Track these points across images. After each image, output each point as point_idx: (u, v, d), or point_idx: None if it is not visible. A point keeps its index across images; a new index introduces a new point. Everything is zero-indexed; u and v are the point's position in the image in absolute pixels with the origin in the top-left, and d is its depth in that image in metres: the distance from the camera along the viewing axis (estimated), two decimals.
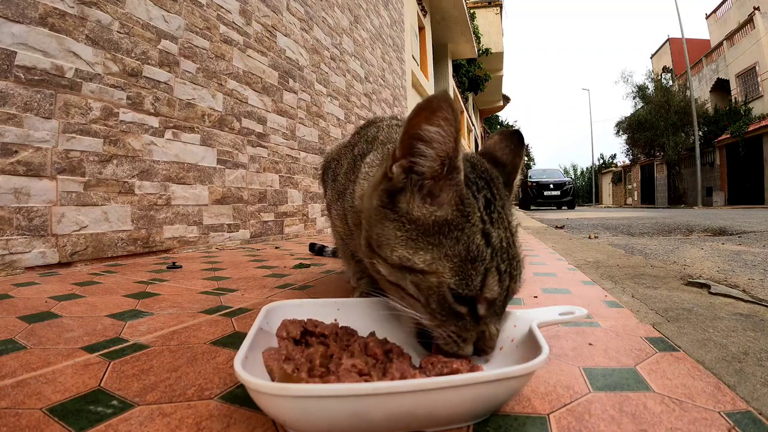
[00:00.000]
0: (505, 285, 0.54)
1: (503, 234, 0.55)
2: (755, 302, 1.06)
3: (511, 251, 0.55)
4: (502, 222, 0.56)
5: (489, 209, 0.55)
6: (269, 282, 1.35)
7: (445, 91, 0.51)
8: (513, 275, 0.55)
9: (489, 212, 0.55)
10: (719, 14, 21.77)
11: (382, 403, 0.40)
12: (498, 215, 0.56)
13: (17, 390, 0.55)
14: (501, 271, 0.53)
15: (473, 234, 0.53)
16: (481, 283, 0.52)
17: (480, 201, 0.55)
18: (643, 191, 28.16)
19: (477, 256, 0.52)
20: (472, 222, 0.53)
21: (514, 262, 0.55)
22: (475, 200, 0.55)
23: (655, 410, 0.49)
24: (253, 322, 0.58)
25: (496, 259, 0.53)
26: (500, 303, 0.54)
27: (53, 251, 1.58)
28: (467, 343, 0.54)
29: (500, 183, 0.61)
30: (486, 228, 0.54)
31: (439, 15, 9.47)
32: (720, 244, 2.89)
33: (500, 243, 0.54)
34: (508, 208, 0.59)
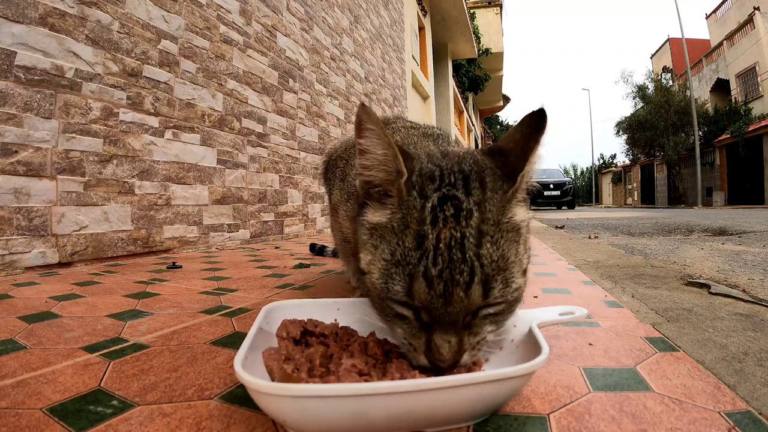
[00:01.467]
0: (439, 291, 0.47)
1: (450, 233, 0.48)
2: (755, 302, 1.06)
3: (458, 253, 0.48)
4: (457, 221, 0.49)
5: (440, 208, 0.50)
6: (269, 282, 1.35)
7: (362, 104, 0.53)
8: (456, 280, 0.47)
9: (437, 211, 0.50)
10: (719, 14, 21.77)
11: (382, 403, 0.40)
12: (452, 213, 0.49)
13: (17, 390, 0.55)
14: (431, 275, 0.47)
15: (404, 236, 0.50)
16: (405, 289, 0.49)
17: (430, 200, 0.50)
18: (643, 191, 28.16)
19: (402, 259, 0.49)
20: (406, 223, 0.50)
21: (462, 265, 0.47)
22: (421, 199, 0.51)
23: (655, 410, 0.49)
24: (253, 322, 0.58)
25: (426, 262, 0.47)
26: (441, 312, 0.48)
27: (53, 251, 1.58)
28: (418, 352, 0.51)
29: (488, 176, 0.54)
30: (422, 230, 0.49)
31: (439, 15, 9.47)
32: (720, 244, 2.89)
33: (438, 244, 0.48)
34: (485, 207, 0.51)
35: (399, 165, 0.52)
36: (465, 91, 14.06)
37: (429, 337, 0.49)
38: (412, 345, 0.51)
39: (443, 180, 0.53)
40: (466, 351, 0.50)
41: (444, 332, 0.49)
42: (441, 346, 0.48)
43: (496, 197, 0.52)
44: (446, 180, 0.53)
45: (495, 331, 0.54)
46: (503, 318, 0.54)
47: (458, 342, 0.49)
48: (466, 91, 14.19)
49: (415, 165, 0.55)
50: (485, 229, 0.50)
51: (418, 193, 0.52)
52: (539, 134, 0.53)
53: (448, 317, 0.48)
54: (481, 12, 13.62)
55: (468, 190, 0.52)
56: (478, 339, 0.51)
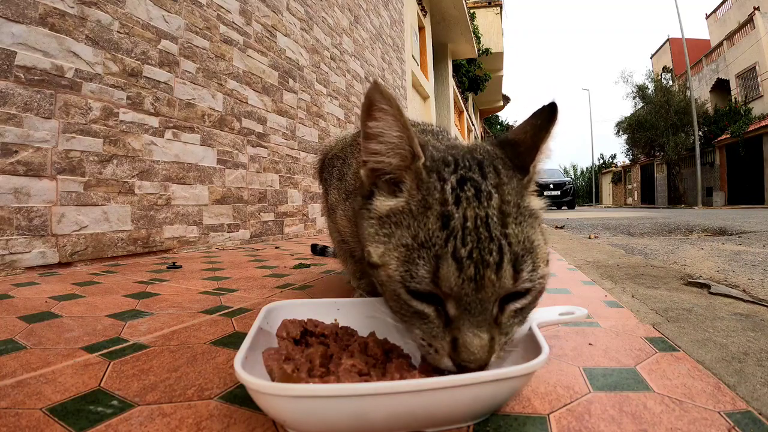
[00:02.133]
0: (470, 274, 0.43)
1: (475, 212, 0.45)
2: (755, 302, 1.06)
3: (485, 232, 0.44)
4: (479, 201, 0.46)
5: (460, 188, 0.47)
6: (269, 282, 1.35)
7: (375, 81, 0.49)
8: (486, 261, 0.43)
9: (458, 192, 0.47)
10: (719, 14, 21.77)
11: (382, 403, 0.40)
12: (473, 194, 0.47)
13: (17, 390, 0.55)
14: (460, 256, 0.43)
15: (427, 217, 0.46)
16: (431, 274, 0.44)
17: (449, 182, 0.48)
18: (643, 191, 28.16)
19: (427, 241, 0.45)
20: (428, 204, 0.47)
21: (491, 244, 0.44)
22: (440, 181, 0.48)
23: (655, 410, 0.49)
24: (253, 322, 0.58)
25: (454, 242, 0.44)
26: (472, 299, 0.44)
27: (53, 251, 1.58)
28: (440, 354, 0.46)
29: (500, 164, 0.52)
30: (446, 209, 0.46)
31: (439, 15, 9.47)
32: (720, 244, 2.89)
33: (465, 223, 0.45)
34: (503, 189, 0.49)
35: (415, 148, 0.50)
36: (465, 91, 14.06)
37: (456, 334, 0.45)
38: (433, 347, 0.47)
39: (458, 164, 0.51)
40: (496, 351, 0.46)
41: (475, 326, 0.44)
42: (471, 344, 0.43)
43: (513, 182, 0.51)
44: (461, 164, 0.51)
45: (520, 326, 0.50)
46: (527, 313, 0.50)
47: (490, 339, 0.45)
48: (466, 91, 14.18)
49: (427, 151, 0.52)
50: (507, 210, 0.47)
51: (436, 175, 0.49)
52: (551, 126, 0.52)
53: (479, 305, 0.44)
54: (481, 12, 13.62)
55: (484, 174, 0.50)
56: (506, 339, 0.47)
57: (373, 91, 0.48)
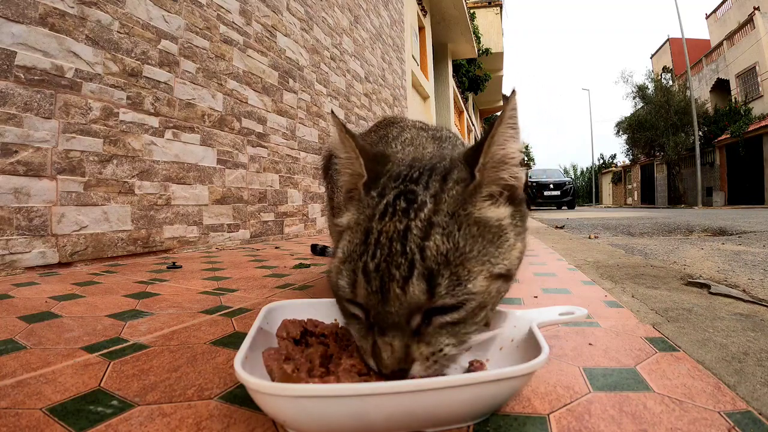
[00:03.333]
0: (375, 287, 0.44)
1: (394, 226, 0.45)
2: (755, 302, 1.06)
3: (397, 245, 0.44)
4: (406, 214, 0.46)
5: (393, 203, 0.48)
6: (269, 282, 1.35)
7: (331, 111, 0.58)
8: (392, 275, 0.43)
9: (388, 207, 0.48)
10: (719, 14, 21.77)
11: (382, 403, 0.40)
12: (403, 207, 0.47)
13: (17, 390, 0.55)
14: (368, 270, 0.44)
15: (355, 234, 0.49)
16: (350, 286, 0.46)
17: (385, 198, 0.49)
18: (643, 191, 28.16)
19: (350, 255, 0.47)
20: (359, 221, 0.50)
21: (400, 258, 0.43)
22: (378, 197, 0.50)
23: (655, 410, 0.49)
24: (253, 322, 0.58)
25: (366, 256, 0.45)
26: (380, 311, 0.44)
27: (53, 251, 1.58)
28: (367, 355, 0.47)
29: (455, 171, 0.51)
30: (369, 225, 0.47)
31: (439, 15, 9.46)
32: (720, 244, 2.89)
33: (380, 237, 0.45)
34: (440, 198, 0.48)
35: (359, 167, 0.54)
36: (465, 91, 14.06)
37: (374, 337, 0.46)
38: (362, 347, 0.48)
39: (407, 177, 0.52)
40: (417, 361, 0.44)
41: (384, 335, 0.44)
42: (383, 350, 0.44)
43: (456, 189, 0.49)
44: (410, 177, 0.51)
45: (457, 346, 0.47)
46: (465, 330, 0.47)
47: (403, 348, 0.44)
48: (466, 91, 14.19)
49: (389, 168, 0.55)
50: (436, 221, 0.46)
51: (377, 193, 0.51)
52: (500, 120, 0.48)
53: (387, 317, 0.44)
54: (481, 12, 13.62)
55: (427, 183, 0.50)
56: (432, 350, 0.45)
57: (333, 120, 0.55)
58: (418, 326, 0.45)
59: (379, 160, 0.56)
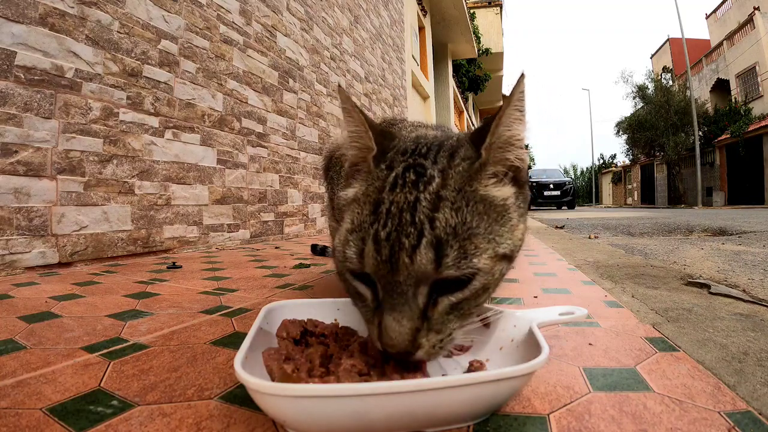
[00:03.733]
0: (385, 255, 0.44)
1: (405, 197, 0.46)
2: (755, 302, 1.06)
3: (407, 215, 0.45)
4: (416, 186, 0.47)
5: (402, 175, 0.49)
6: (269, 282, 1.35)
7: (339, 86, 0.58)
8: (402, 243, 0.43)
9: (398, 179, 0.48)
10: (719, 14, 21.77)
11: (382, 403, 0.40)
12: (413, 180, 0.48)
13: (17, 390, 0.55)
14: (379, 238, 0.44)
15: (365, 204, 0.49)
16: (358, 255, 0.46)
17: (395, 170, 0.50)
18: (643, 191, 28.16)
19: (360, 224, 0.47)
20: (369, 192, 0.50)
21: (410, 227, 0.44)
22: (387, 170, 0.51)
23: (655, 410, 0.49)
24: (253, 322, 0.58)
25: (377, 225, 0.45)
26: (389, 281, 0.44)
27: (53, 251, 1.58)
28: (373, 338, 0.47)
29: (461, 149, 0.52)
30: (380, 196, 0.48)
31: (439, 15, 9.46)
32: (720, 244, 2.89)
33: (391, 207, 0.46)
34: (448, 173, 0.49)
35: (368, 141, 0.54)
36: (465, 91, 14.06)
37: (380, 317, 0.45)
38: (369, 330, 0.48)
39: (415, 152, 0.52)
40: (423, 346, 0.45)
41: (395, 310, 0.44)
42: (389, 327, 0.44)
43: (464, 165, 0.50)
44: (418, 151, 0.52)
45: (460, 329, 0.48)
46: (468, 310, 0.48)
47: (412, 329, 0.44)
48: (466, 91, 14.18)
49: (396, 143, 0.55)
50: (445, 194, 0.47)
51: (386, 166, 0.52)
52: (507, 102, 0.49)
53: (396, 288, 0.44)
54: (481, 12, 13.62)
55: (436, 159, 0.50)
56: (441, 337, 0.46)
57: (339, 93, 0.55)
58: (425, 305, 0.45)
59: (386, 135, 0.56)
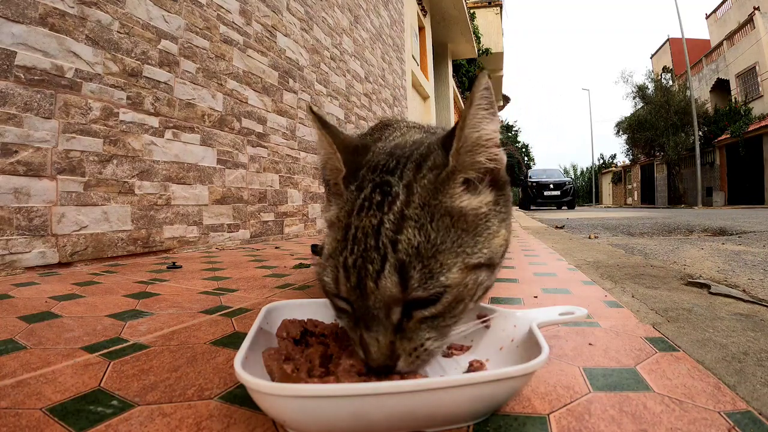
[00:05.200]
0: (353, 282, 0.44)
1: (369, 221, 0.45)
2: (755, 302, 1.06)
3: (371, 240, 0.44)
4: (380, 208, 0.46)
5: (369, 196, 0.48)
6: (269, 282, 1.35)
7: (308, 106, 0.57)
8: (366, 269, 0.44)
9: (365, 201, 0.47)
10: (719, 14, 21.77)
11: (382, 403, 0.40)
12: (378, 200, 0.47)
13: (17, 390, 0.55)
14: (347, 266, 0.45)
15: (338, 230, 0.49)
16: (333, 281, 0.47)
17: (363, 191, 0.49)
18: (643, 191, 28.15)
19: (333, 251, 0.48)
20: (340, 217, 0.50)
21: (374, 253, 0.44)
22: (357, 191, 0.50)
23: (655, 410, 0.49)
24: (253, 322, 0.58)
25: (345, 252, 0.46)
26: (360, 306, 0.45)
27: (53, 251, 1.58)
28: (356, 346, 0.48)
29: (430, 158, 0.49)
30: (348, 221, 0.47)
31: (439, 15, 9.46)
32: (720, 244, 2.89)
33: (356, 233, 0.46)
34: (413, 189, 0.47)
35: (337, 162, 0.54)
36: (465, 91, 14.05)
37: (360, 332, 0.46)
38: (352, 338, 0.49)
39: (384, 168, 0.50)
40: (401, 357, 0.45)
41: (369, 330, 0.45)
42: (370, 344, 0.45)
43: (429, 177, 0.48)
44: (386, 167, 0.50)
45: (438, 339, 0.48)
46: (444, 323, 0.47)
47: (388, 345, 0.45)
48: (466, 91, 14.18)
49: (369, 158, 0.54)
50: (409, 213, 0.45)
51: (356, 186, 0.50)
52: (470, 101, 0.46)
53: (368, 312, 0.45)
54: (481, 12, 13.62)
55: (402, 173, 0.49)
56: (414, 345, 0.46)
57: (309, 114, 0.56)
58: (399, 321, 0.45)
59: (359, 152, 0.55)
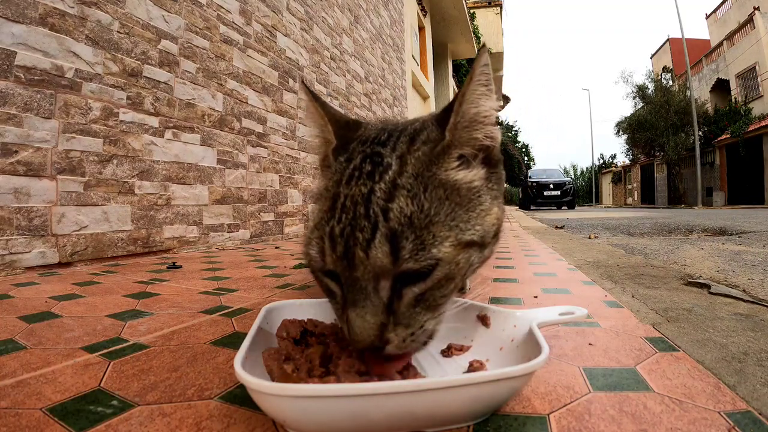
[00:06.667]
0: (340, 251, 0.42)
1: (359, 190, 0.44)
2: (755, 302, 1.06)
3: (361, 208, 0.42)
4: (371, 176, 0.45)
5: (359, 166, 0.46)
6: (269, 282, 1.35)
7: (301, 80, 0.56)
8: (355, 238, 0.41)
9: (354, 171, 0.46)
10: (719, 14, 21.77)
11: (382, 403, 0.40)
12: (369, 169, 0.45)
13: (17, 390, 0.55)
14: (334, 234, 0.43)
15: (325, 200, 0.47)
16: (320, 253, 0.45)
17: (353, 162, 0.47)
18: (643, 191, 28.15)
19: (319, 221, 0.46)
20: (328, 187, 0.48)
21: (364, 221, 0.42)
22: (346, 162, 0.48)
23: (655, 410, 0.49)
24: (253, 322, 0.58)
25: (332, 221, 0.43)
26: (348, 277, 0.43)
27: (53, 251, 1.58)
28: (345, 333, 0.45)
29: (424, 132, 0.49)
30: (336, 191, 0.46)
31: (439, 15, 9.46)
32: (720, 244, 2.89)
33: (345, 201, 0.44)
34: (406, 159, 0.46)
35: (328, 134, 0.53)
36: None
37: (346, 313, 0.43)
38: (340, 325, 0.47)
39: (375, 140, 0.50)
40: (392, 340, 0.43)
41: (356, 306, 0.42)
42: (354, 323, 0.42)
43: (424, 149, 0.47)
44: (378, 139, 0.50)
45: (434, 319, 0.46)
46: (435, 300, 0.45)
47: (376, 323, 0.42)
48: None
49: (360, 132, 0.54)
50: (402, 182, 0.44)
51: (345, 158, 0.49)
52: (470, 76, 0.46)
53: (355, 284, 0.42)
54: (481, 12, 13.63)
55: (395, 145, 0.48)
56: (412, 330, 0.44)
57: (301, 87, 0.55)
58: (389, 299, 0.43)
59: (350, 127, 0.55)
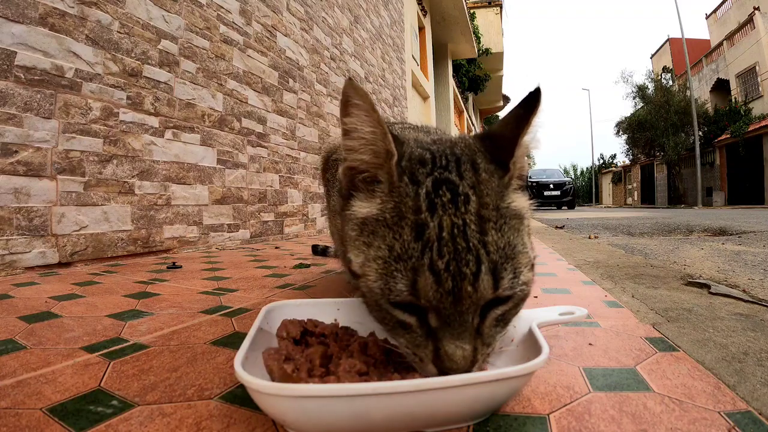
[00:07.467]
0: (448, 287, 0.42)
1: (451, 221, 0.44)
2: (755, 302, 1.06)
3: (462, 242, 0.43)
4: (456, 207, 0.45)
5: (435, 193, 0.46)
6: (269, 282, 1.35)
7: (349, 78, 0.48)
8: (463, 273, 0.42)
9: (432, 197, 0.45)
10: (719, 14, 21.76)
11: (382, 403, 0.40)
12: (449, 198, 0.45)
13: (17, 390, 0.55)
14: (438, 269, 0.42)
15: (402, 227, 0.45)
16: (409, 287, 0.43)
17: (423, 186, 0.46)
18: (643, 191, 28.16)
19: (403, 253, 0.44)
20: (402, 213, 0.46)
21: (468, 255, 0.43)
22: (413, 185, 0.47)
23: (655, 410, 0.49)
24: (253, 322, 0.58)
25: (431, 254, 0.43)
26: (452, 312, 0.43)
27: (53, 251, 1.58)
28: (425, 363, 0.45)
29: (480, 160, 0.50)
30: (420, 218, 0.44)
31: (439, 15, 9.46)
32: (720, 244, 2.89)
33: (441, 233, 0.43)
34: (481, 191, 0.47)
35: (389, 144, 0.48)
36: (465, 91, 14.06)
37: (438, 344, 0.44)
38: (417, 355, 0.46)
39: (435, 163, 0.49)
40: (478, 360, 0.45)
41: (456, 338, 0.43)
42: (453, 354, 0.43)
43: (493, 181, 0.48)
44: (438, 163, 0.49)
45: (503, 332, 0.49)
46: (509, 319, 0.49)
47: (473, 350, 0.44)
48: (466, 91, 14.18)
49: (405, 149, 0.50)
50: (486, 215, 0.45)
51: (409, 179, 0.47)
52: (531, 116, 0.49)
53: (459, 317, 0.43)
54: (481, 12, 13.62)
55: (461, 173, 0.48)
56: (490, 350, 0.47)
57: (348, 87, 0.47)
58: (478, 324, 0.46)
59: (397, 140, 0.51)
